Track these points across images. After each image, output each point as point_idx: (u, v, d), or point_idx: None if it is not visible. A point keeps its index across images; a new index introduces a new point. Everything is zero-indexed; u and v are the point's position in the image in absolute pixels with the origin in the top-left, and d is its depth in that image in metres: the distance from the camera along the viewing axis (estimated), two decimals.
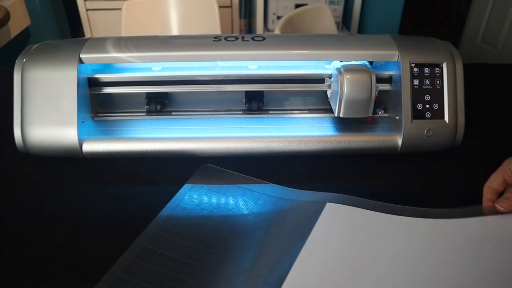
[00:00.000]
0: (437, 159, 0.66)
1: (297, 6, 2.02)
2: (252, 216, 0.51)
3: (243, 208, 0.53)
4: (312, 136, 0.65)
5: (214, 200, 0.55)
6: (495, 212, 0.47)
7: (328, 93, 0.71)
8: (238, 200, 0.54)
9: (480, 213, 0.48)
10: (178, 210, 0.53)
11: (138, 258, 0.46)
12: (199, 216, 0.52)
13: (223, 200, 0.55)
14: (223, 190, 0.57)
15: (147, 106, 0.71)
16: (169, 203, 0.55)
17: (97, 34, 1.90)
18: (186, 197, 0.55)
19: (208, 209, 0.53)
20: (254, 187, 0.56)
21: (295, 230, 0.46)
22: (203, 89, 0.68)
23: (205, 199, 0.55)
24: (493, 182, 0.52)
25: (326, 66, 0.71)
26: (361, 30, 2.20)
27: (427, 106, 0.63)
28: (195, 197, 0.55)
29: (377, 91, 0.65)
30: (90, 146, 0.62)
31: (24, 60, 0.62)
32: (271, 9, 2.07)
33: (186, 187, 0.57)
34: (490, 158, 0.67)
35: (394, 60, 0.64)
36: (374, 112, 0.68)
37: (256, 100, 0.71)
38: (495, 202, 0.49)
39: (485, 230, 0.45)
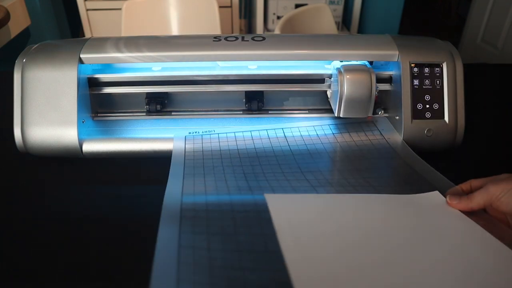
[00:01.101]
0: (437, 159, 0.66)
1: (297, 6, 2.02)
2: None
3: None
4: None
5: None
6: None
7: (328, 93, 0.71)
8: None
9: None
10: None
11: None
12: None
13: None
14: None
15: (147, 106, 0.71)
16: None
17: (97, 34, 1.89)
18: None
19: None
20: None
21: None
22: (203, 89, 0.68)
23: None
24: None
25: (326, 66, 0.71)
26: (361, 30, 2.20)
27: (427, 106, 0.63)
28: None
29: (377, 91, 0.65)
30: (90, 146, 0.62)
31: (24, 60, 0.62)
32: (271, 9, 2.07)
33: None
34: (490, 158, 0.67)
35: (394, 60, 0.64)
36: (374, 112, 0.68)
37: (256, 100, 0.71)
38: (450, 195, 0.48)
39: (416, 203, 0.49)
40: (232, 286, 0.36)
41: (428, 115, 0.63)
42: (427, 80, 0.63)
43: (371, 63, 0.69)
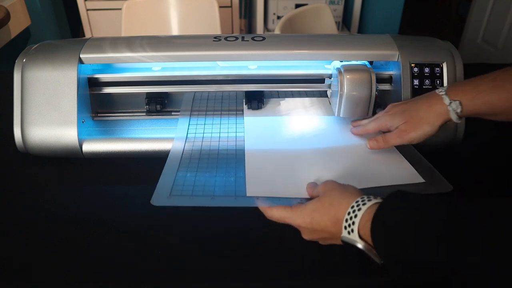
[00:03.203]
0: (437, 157, 0.66)
1: (297, 6, 2.02)
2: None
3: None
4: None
5: None
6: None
7: (328, 93, 0.71)
8: None
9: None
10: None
11: None
12: None
13: None
14: None
15: (147, 106, 0.70)
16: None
17: (97, 34, 1.89)
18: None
19: None
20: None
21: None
22: (203, 89, 0.68)
23: None
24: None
25: (326, 66, 0.71)
26: (361, 30, 2.19)
27: None
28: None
29: (377, 91, 0.65)
30: (90, 146, 0.62)
31: (24, 60, 0.62)
32: (271, 9, 2.06)
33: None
34: (490, 157, 0.67)
35: (394, 60, 0.64)
36: (374, 112, 0.68)
37: (256, 100, 0.71)
38: (369, 139, 0.59)
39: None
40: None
41: None
42: (427, 80, 0.63)
43: (371, 63, 0.69)
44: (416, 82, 0.63)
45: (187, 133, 0.65)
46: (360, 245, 0.41)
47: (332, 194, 0.45)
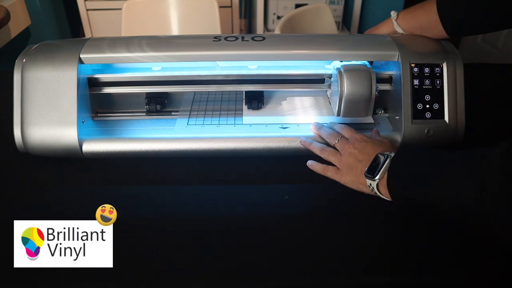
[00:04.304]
0: None
1: (297, 6, 2.02)
2: None
3: None
4: (312, 136, 0.65)
5: None
6: None
7: (328, 93, 0.71)
8: None
9: None
10: None
11: None
12: None
13: None
14: None
15: (147, 106, 0.70)
16: None
17: (97, 34, 1.89)
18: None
19: None
20: None
21: None
22: (203, 89, 0.68)
23: None
24: None
25: (326, 66, 0.71)
26: (361, 30, 2.19)
27: (427, 106, 0.63)
28: None
29: (377, 91, 0.65)
30: (90, 146, 0.62)
31: (24, 60, 0.62)
32: (271, 9, 2.06)
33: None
34: None
35: (394, 60, 0.64)
36: (374, 112, 0.68)
37: (256, 100, 0.71)
38: None
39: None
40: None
41: (428, 115, 0.63)
42: (427, 80, 0.63)
43: (371, 63, 0.69)
44: (416, 82, 0.63)
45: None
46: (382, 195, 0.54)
47: None
